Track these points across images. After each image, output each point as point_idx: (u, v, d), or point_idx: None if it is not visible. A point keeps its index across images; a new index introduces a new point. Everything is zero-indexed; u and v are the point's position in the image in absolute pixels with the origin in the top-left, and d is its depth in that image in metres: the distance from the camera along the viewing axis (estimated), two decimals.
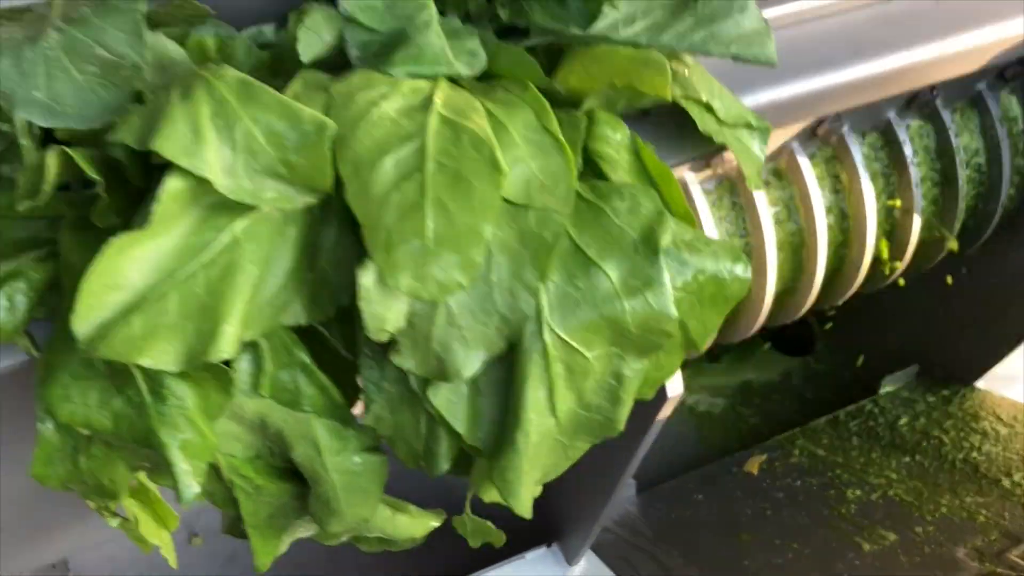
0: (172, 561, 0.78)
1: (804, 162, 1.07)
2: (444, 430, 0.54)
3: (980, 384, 1.43)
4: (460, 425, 0.54)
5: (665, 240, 0.55)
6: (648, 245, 0.55)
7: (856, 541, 1.19)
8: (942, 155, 1.15)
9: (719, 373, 1.63)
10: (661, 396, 0.85)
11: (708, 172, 1.05)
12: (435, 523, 0.69)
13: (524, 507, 0.57)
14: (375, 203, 0.49)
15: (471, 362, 0.52)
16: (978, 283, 1.36)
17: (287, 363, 0.56)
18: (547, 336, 0.53)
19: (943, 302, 1.43)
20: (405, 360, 0.53)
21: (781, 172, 1.09)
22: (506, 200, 0.51)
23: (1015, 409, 1.37)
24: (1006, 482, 1.22)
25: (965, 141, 1.16)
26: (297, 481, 0.59)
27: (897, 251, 1.17)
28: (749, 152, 0.73)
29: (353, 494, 0.56)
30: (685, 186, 1.03)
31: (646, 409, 0.90)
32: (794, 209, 1.10)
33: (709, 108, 0.71)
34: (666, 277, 0.55)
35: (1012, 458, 1.26)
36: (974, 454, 1.29)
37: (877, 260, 1.21)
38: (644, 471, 1.48)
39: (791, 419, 1.55)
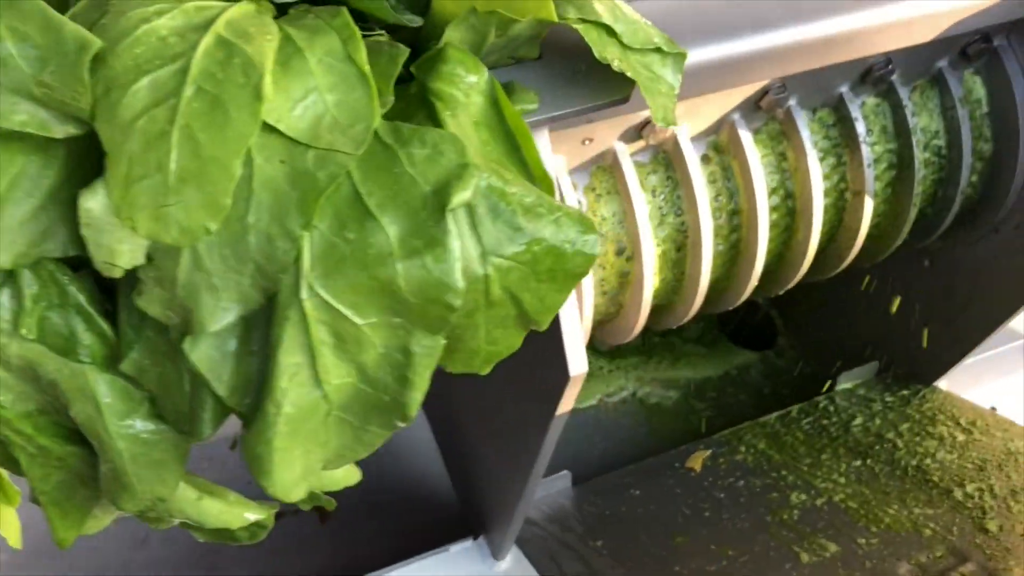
0: (14, 540, 0.70)
1: (746, 136, 0.99)
2: (207, 390, 0.46)
3: (942, 384, 1.36)
4: (221, 386, 0.46)
5: (460, 197, 0.46)
6: (438, 200, 0.47)
7: (795, 551, 1.12)
8: (899, 135, 1.07)
9: (672, 365, 1.56)
10: (562, 376, 0.78)
11: (641, 143, 0.97)
12: (254, 516, 0.61)
13: (280, 488, 0.48)
14: (120, 129, 0.41)
15: (220, 315, 0.45)
16: (940, 277, 1.28)
17: (59, 303, 0.48)
18: (304, 293, 0.45)
19: (905, 297, 1.35)
20: (150, 305, 0.45)
21: (721, 147, 1.02)
22: (290, 137, 0.43)
23: (975, 414, 1.29)
24: (958, 493, 1.14)
25: (924, 122, 1.09)
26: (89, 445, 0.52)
27: (848, 237, 1.10)
28: (659, 82, 0.64)
29: (144, 467, 0.49)
30: (615, 158, 0.95)
31: (547, 391, 0.83)
32: (735, 188, 1.02)
33: (611, 31, 0.62)
34: (453, 240, 0.47)
35: (966, 467, 1.19)
36: (927, 461, 1.21)
37: (828, 246, 1.13)
38: (586, 463, 1.41)
39: (745, 414, 1.48)
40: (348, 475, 0.67)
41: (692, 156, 0.97)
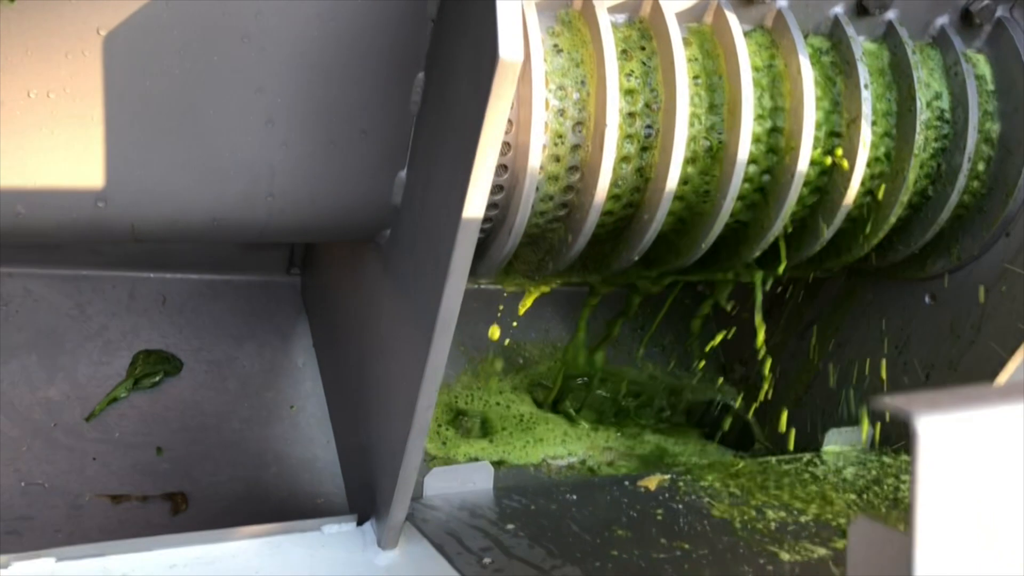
0: None
1: (732, 19, 0.90)
2: None
3: None
4: None
5: None
6: None
7: (772, 550, 0.86)
8: (898, 81, 0.97)
9: (636, 438, 1.33)
10: (493, 60, 0.62)
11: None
12: None
13: None
14: None
15: None
16: (944, 313, 1.12)
17: None
18: None
19: (904, 346, 1.18)
20: None
21: (705, 35, 0.92)
22: None
23: None
24: None
25: (925, 78, 1.00)
26: None
27: (845, 178, 0.96)
28: None
29: None
30: (592, 13, 0.85)
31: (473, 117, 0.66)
32: (718, 84, 0.90)
33: None
34: None
35: None
36: None
37: (828, 188, 0.98)
38: None
39: None
40: None
41: (676, 30, 0.87)
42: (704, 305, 1.31)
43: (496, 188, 0.85)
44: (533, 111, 0.80)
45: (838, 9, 0.96)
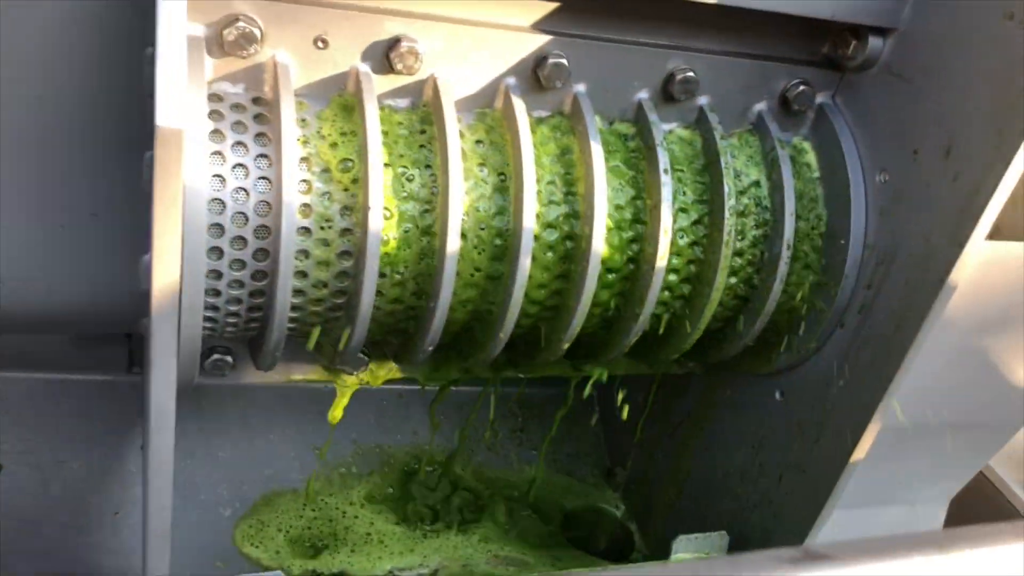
0: None
1: (519, 105, 0.88)
2: None
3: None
4: None
5: None
6: None
7: None
8: (710, 166, 0.95)
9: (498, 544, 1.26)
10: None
11: (395, 79, 0.86)
12: None
13: None
14: None
15: None
16: (792, 410, 1.06)
17: None
18: None
19: (759, 448, 1.11)
20: None
21: (494, 120, 0.90)
22: None
23: None
24: None
25: (740, 164, 0.97)
26: None
27: (648, 257, 0.91)
28: None
29: None
30: (358, 84, 0.83)
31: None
32: (506, 171, 0.88)
33: None
34: None
35: None
36: None
37: (636, 276, 0.94)
38: None
39: None
40: None
41: (452, 115, 0.84)
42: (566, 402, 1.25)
43: (258, 274, 0.81)
44: (284, 193, 0.77)
45: (643, 95, 0.94)
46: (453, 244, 0.83)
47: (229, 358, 0.96)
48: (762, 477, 1.11)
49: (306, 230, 0.81)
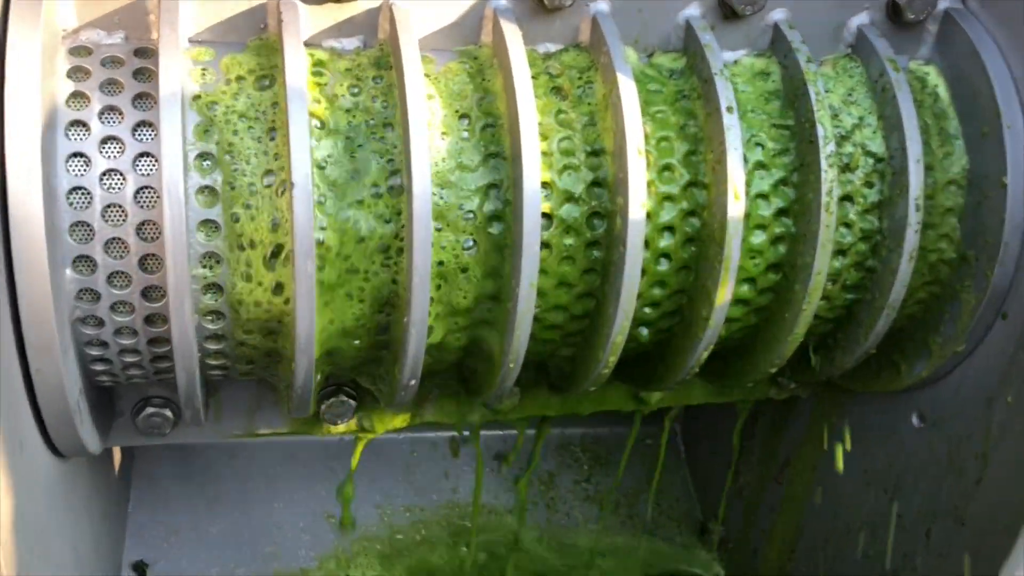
0: None
1: (514, 35, 0.63)
2: None
3: None
4: None
5: None
6: None
7: None
8: (794, 102, 0.68)
9: None
10: None
11: (342, 12, 0.62)
12: None
13: None
14: None
15: None
16: (938, 446, 0.77)
17: None
18: None
19: None
20: None
21: (482, 61, 0.65)
22: None
23: None
24: None
25: (839, 100, 0.70)
26: None
27: (710, 242, 0.65)
28: None
29: None
30: (281, 21, 0.60)
31: None
32: (496, 121, 0.63)
33: None
34: None
35: None
36: None
37: (707, 251, 0.67)
38: None
39: None
40: None
41: (414, 55, 0.60)
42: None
43: (153, 291, 0.58)
44: (174, 174, 0.54)
45: (692, 10, 0.68)
46: (421, 233, 0.58)
47: (168, 412, 0.73)
48: (901, 532, 0.82)
49: (210, 225, 0.57)
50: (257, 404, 0.77)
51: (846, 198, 0.68)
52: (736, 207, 0.63)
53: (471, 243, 0.61)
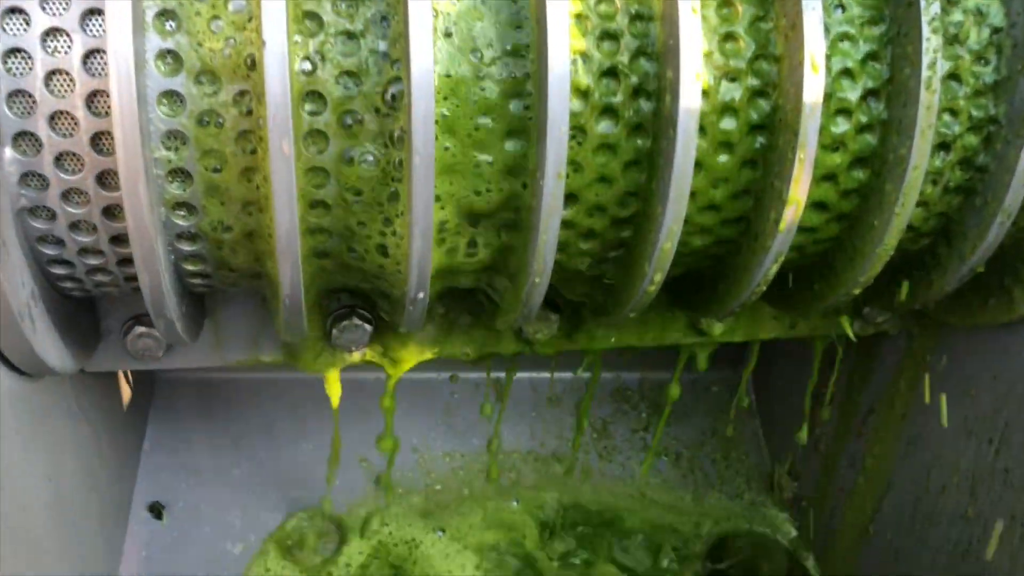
0: None
1: None
2: None
3: None
4: None
5: None
6: None
7: None
8: None
9: None
10: None
11: None
12: None
13: None
14: None
15: None
16: None
17: None
18: None
19: None
20: None
21: None
22: None
23: None
24: None
25: None
26: None
27: (782, 130, 0.53)
28: None
29: None
30: None
31: None
32: None
33: None
34: None
35: None
36: None
37: (777, 130, 0.56)
38: None
39: None
40: None
41: None
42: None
43: (113, 211, 0.49)
44: (132, 72, 0.45)
45: None
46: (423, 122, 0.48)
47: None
48: (1008, 489, 0.69)
49: (174, 98, 0.48)
50: (261, 326, 0.68)
51: (952, 76, 0.55)
52: (814, 85, 0.52)
53: (487, 121, 0.51)
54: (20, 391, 0.56)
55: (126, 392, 0.86)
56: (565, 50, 0.49)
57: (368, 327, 0.68)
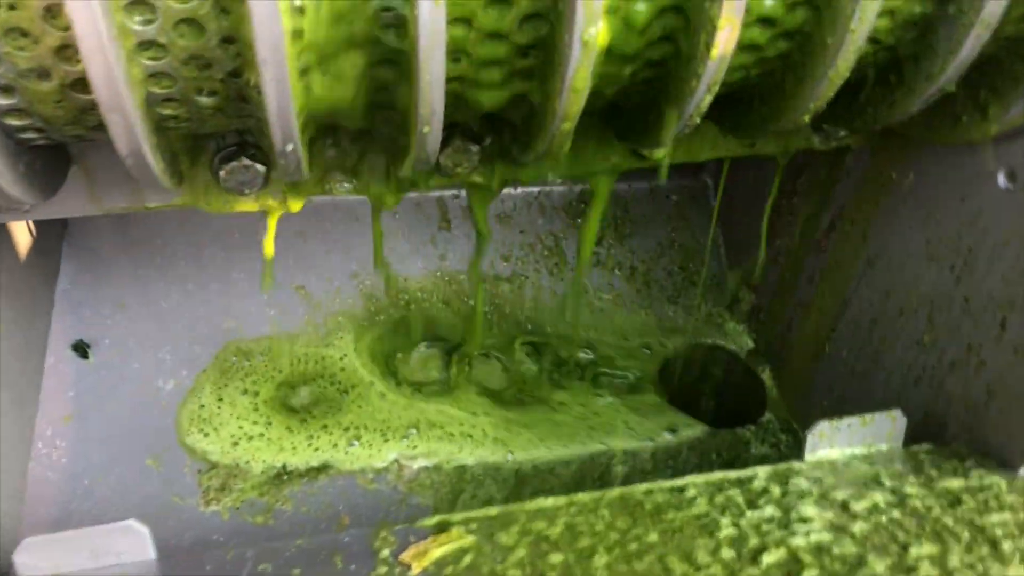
0: None
1: None
2: None
3: None
4: None
5: None
6: None
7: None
8: None
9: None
10: None
11: None
12: None
13: None
14: None
15: None
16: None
17: None
18: None
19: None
20: None
21: None
22: None
23: None
24: None
25: None
26: None
27: None
28: None
29: None
30: None
31: None
32: None
33: None
34: None
35: None
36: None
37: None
38: None
39: None
40: None
41: None
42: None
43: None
44: None
45: None
46: None
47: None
48: (966, 319, 0.65)
49: None
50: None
51: None
52: None
53: None
54: None
55: (27, 229, 0.79)
56: None
57: (261, 168, 0.60)
